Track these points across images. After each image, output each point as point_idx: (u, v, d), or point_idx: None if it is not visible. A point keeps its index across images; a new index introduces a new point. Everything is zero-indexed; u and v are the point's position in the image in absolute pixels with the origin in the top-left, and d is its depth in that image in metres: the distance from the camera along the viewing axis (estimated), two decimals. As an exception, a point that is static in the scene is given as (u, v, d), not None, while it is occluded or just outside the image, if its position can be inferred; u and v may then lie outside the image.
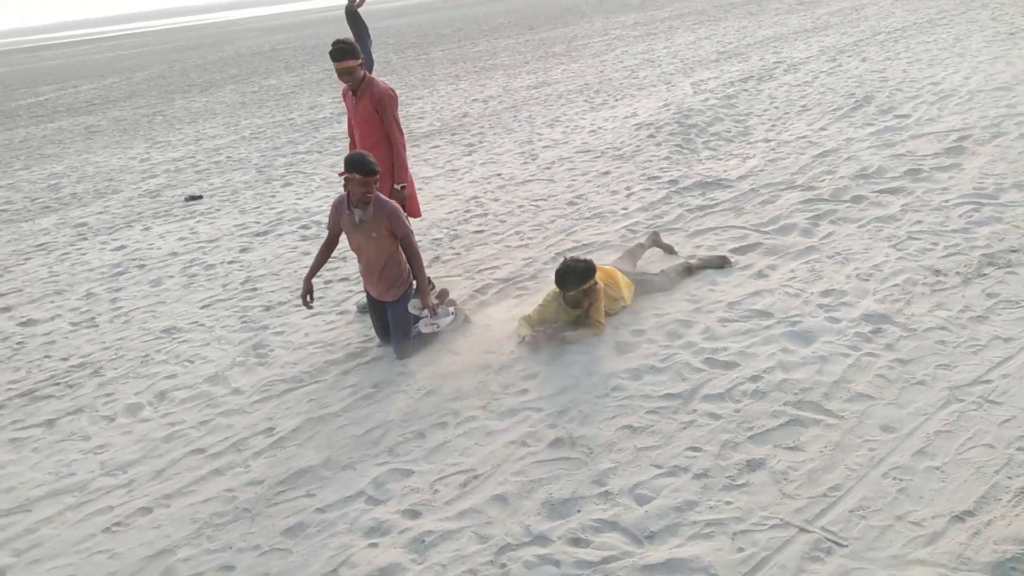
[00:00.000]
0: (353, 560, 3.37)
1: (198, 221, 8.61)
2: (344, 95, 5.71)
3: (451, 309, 5.18)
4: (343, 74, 5.41)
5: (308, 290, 5.13)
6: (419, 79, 17.61)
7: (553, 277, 4.98)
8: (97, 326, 6.20)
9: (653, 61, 16.02)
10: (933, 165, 7.40)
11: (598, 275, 4.99)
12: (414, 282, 5.20)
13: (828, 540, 3.13)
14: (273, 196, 9.44)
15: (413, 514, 3.62)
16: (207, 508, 3.88)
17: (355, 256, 5.24)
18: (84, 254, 8.09)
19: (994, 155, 7.44)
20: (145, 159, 12.71)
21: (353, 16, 15.21)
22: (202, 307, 6.31)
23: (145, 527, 3.81)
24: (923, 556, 2.99)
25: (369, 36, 15.52)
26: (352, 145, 5.79)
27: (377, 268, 5.04)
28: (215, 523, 3.76)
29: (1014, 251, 5.41)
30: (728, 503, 3.42)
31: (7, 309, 6.82)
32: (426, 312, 5.00)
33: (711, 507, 3.41)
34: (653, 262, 5.94)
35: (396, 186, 5.55)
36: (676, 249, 6.17)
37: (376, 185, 4.81)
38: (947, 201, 6.46)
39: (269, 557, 3.48)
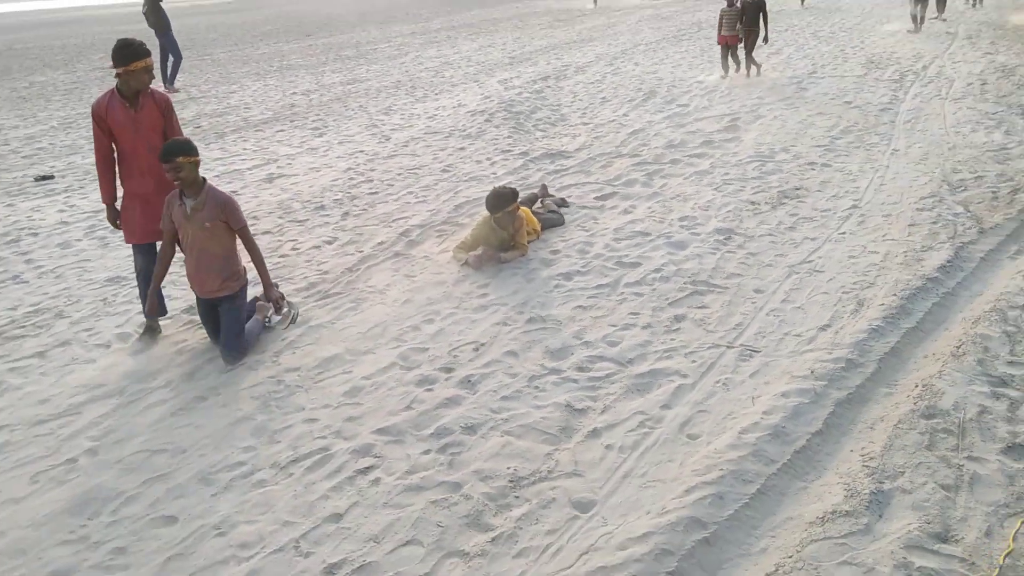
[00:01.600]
0: (420, 398, 4.34)
1: (68, 196, 8.59)
2: (108, 108, 4.93)
3: (286, 308, 5.33)
4: (136, 76, 4.85)
5: (154, 305, 5.14)
6: (219, 76, 17.61)
7: (484, 205, 6.20)
8: (27, 282, 6.32)
9: (451, 64, 17.47)
10: (720, 138, 9.50)
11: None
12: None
13: (748, 350, 4.65)
14: (135, 175, 9.52)
15: (447, 370, 4.64)
16: (263, 388, 4.58)
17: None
18: (-50, 229, 7.83)
19: (760, 130, 9.71)
20: (-56, 147, 11.83)
21: (156, 8, 15.04)
22: (135, 261, 6.64)
23: (213, 407, 4.44)
24: (809, 348, 4.60)
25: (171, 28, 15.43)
26: (121, 161, 5.09)
27: (209, 261, 4.89)
28: (276, 397, 4.50)
29: (798, 189, 7.44)
30: (672, 339, 4.84)
31: (-100, 277, 6.61)
32: (271, 307, 5.17)
33: (662, 343, 4.81)
34: (539, 210, 7.30)
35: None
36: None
37: (192, 166, 4.66)
38: (740, 160, 8.49)
39: (343, 410, 4.33)
